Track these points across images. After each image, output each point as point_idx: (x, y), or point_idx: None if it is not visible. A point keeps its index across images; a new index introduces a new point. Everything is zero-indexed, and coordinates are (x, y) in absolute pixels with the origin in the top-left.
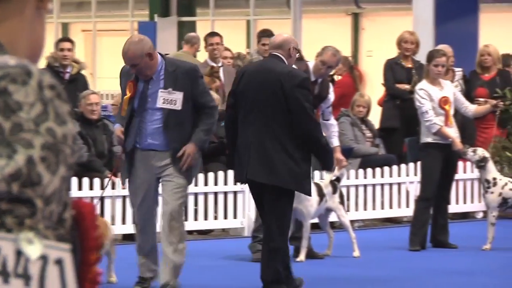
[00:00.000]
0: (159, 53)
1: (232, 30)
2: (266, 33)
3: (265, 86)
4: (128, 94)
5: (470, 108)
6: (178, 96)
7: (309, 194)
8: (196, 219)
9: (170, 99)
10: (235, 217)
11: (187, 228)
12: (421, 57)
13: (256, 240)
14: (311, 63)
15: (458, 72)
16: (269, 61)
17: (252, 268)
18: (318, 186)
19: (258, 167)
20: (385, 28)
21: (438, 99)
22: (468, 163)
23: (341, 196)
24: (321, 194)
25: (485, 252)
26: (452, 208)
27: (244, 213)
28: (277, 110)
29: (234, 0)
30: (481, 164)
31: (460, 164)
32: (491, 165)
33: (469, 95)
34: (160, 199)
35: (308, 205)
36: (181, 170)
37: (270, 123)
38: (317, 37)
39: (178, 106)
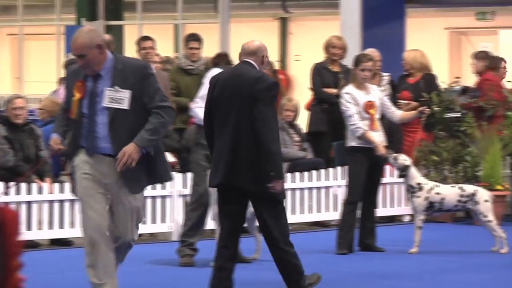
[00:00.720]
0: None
1: (160, 35)
2: (193, 37)
3: (238, 92)
4: (77, 95)
5: (397, 113)
6: (125, 95)
7: (284, 197)
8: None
9: (116, 97)
10: (163, 221)
11: None
12: (348, 61)
13: (184, 245)
14: None
15: (386, 77)
16: (242, 68)
17: (180, 273)
18: None
19: (227, 171)
20: (312, 32)
21: (364, 103)
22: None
23: None
24: None
25: (412, 256)
26: (379, 211)
27: (172, 218)
28: (248, 115)
29: (161, 4)
30: (403, 173)
31: (387, 167)
32: (413, 171)
33: (394, 99)
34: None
35: None
36: (128, 175)
37: (245, 128)
38: (245, 41)
39: (125, 105)
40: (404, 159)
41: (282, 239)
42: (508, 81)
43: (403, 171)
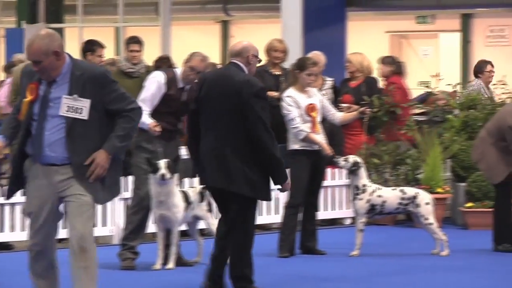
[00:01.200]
0: (68, 54)
1: (101, 37)
2: (134, 40)
3: (225, 95)
4: (29, 97)
5: (337, 115)
6: (85, 104)
7: (267, 199)
8: (64, 227)
9: (75, 106)
10: (104, 225)
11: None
12: (289, 64)
13: (125, 248)
14: (179, 70)
15: (329, 81)
16: (229, 69)
17: (121, 276)
18: (185, 194)
19: (217, 174)
20: (254, 35)
21: (305, 106)
22: (336, 170)
23: (209, 204)
24: (187, 201)
25: (353, 258)
26: (321, 214)
27: (113, 221)
28: (235, 118)
29: (102, 7)
30: (353, 168)
31: (329, 170)
32: (363, 171)
33: (336, 102)
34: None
35: (176, 211)
36: (87, 182)
37: (230, 130)
38: (187, 44)
39: (84, 115)
40: (354, 157)
41: (248, 244)
42: (448, 84)
43: (355, 166)
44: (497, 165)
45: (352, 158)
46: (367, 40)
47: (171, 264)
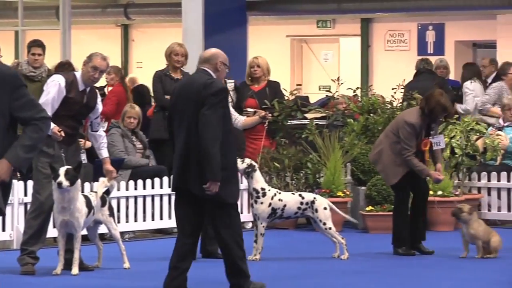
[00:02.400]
0: None
1: (0, 41)
2: (36, 43)
3: (189, 98)
4: None
5: (239, 119)
6: None
7: (233, 200)
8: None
9: None
10: (3, 229)
11: None
12: (189, 69)
13: (25, 253)
14: (78, 73)
15: (230, 83)
16: (196, 75)
17: (21, 281)
18: (87, 198)
19: (183, 175)
20: (154, 39)
21: None
22: (238, 174)
23: (111, 208)
24: (89, 206)
25: (254, 262)
26: None
27: (13, 226)
28: (196, 119)
29: (2, 10)
30: (248, 170)
31: None
32: (258, 175)
33: (240, 106)
34: None
35: (78, 217)
36: None
37: (192, 133)
38: (87, 48)
39: None
40: (250, 160)
41: (232, 243)
42: (348, 89)
43: (249, 168)
44: (392, 166)
45: (248, 160)
46: (268, 44)
47: (75, 269)
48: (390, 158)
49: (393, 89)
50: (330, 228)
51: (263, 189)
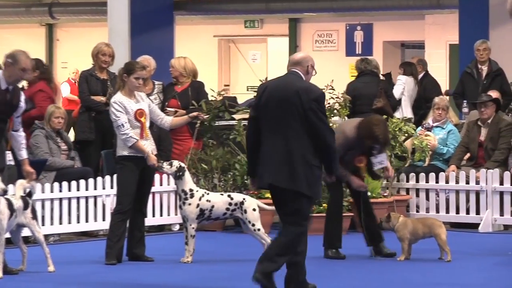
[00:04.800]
0: None
1: None
2: None
3: (285, 100)
4: None
5: (166, 120)
6: None
7: (318, 197)
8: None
9: None
10: None
11: None
12: (115, 68)
13: None
14: (0, 71)
15: (158, 85)
16: (288, 77)
17: None
18: (9, 201)
19: (281, 174)
20: (80, 39)
21: (134, 112)
22: (165, 176)
23: (34, 211)
24: (11, 209)
25: (183, 265)
26: (149, 221)
27: None
28: (296, 120)
29: None
30: (179, 173)
31: (157, 176)
32: (188, 176)
33: (163, 107)
34: None
35: (1, 219)
36: None
37: (291, 133)
38: (11, 48)
39: None
40: (178, 162)
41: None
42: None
43: (179, 172)
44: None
45: (176, 163)
46: (195, 45)
47: None
48: None
49: (321, 89)
50: (259, 230)
51: (191, 190)
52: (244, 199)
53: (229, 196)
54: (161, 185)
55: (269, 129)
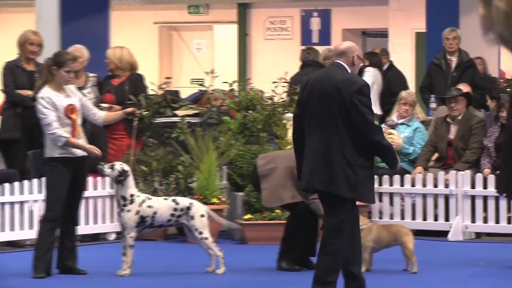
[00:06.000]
0: None
1: None
2: None
3: (326, 93)
4: None
5: (100, 115)
6: None
7: (370, 201)
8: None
9: None
10: None
11: None
12: (44, 59)
13: None
14: None
15: (92, 77)
16: (332, 69)
17: None
18: None
19: (317, 174)
20: (5, 27)
21: (64, 108)
22: (99, 179)
23: None
24: None
25: (121, 278)
26: (81, 229)
27: None
28: (337, 116)
29: None
30: (120, 178)
31: (90, 179)
32: (131, 180)
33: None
34: None
35: None
36: None
37: (332, 130)
38: None
39: None
40: (121, 164)
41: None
42: (224, 82)
43: (121, 176)
44: (281, 189)
45: (119, 166)
46: (133, 33)
47: None
48: (282, 181)
49: (274, 82)
50: (206, 238)
51: (132, 195)
52: (191, 204)
53: (174, 200)
54: (95, 189)
55: (311, 127)
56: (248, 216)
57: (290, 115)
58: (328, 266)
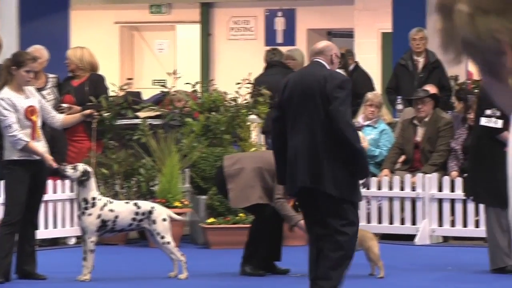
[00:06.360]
0: None
1: None
2: None
3: (309, 90)
4: None
5: (58, 118)
6: None
7: (356, 200)
8: None
9: None
10: None
11: None
12: (2, 59)
13: None
14: None
15: (52, 78)
16: (311, 67)
17: None
18: None
19: (307, 174)
20: None
21: (24, 109)
22: (59, 182)
23: None
24: None
25: (82, 284)
26: (41, 233)
27: None
28: (321, 112)
29: None
30: (83, 178)
31: (50, 182)
32: (93, 182)
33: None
34: None
35: None
36: None
37: (316, 129)
38: None
39: None
40: (83, 166)
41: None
42: (187, 83)
43: (84, 176)
44: (248, 189)
45: (81, 166)
46: (94, 32)
47: None
48: (250, 182)
49: (237, 83)
50: (168, 243)
51: (93, 198)
52: (152, 207)
53: (135, 204)
54: (54, 192)
55: (294, 127)
56: (211, 220)
57: (254, 116)
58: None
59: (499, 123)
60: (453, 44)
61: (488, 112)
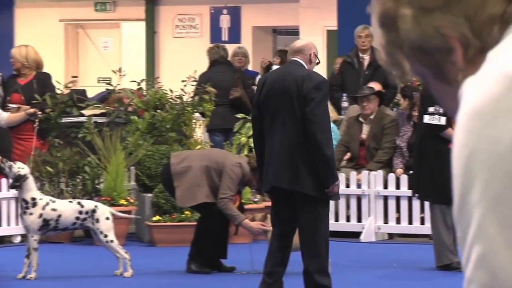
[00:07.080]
0: None
1: None
2: None
3: (286, 89)
4: None
5: (3, 117)
6: None
7: (334, 200)
8: None
9: None
10: None
11: None
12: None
13: None
14: None
15: None
16: (289, 66)
17: None
18: None
19: (284, 174)
20: None
21: None
22: (4, 180)
23: None
24: None
25: (27, 282)
26: None
27: None
28: (298, 112)
29: None
30: (16, 184)
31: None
32: (31, 183)
33: (4, 102)
34: None
35: None
36: None
37: (292, 129)
38: None
39: None
40: (20, 167)
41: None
42: (132, 81)
43: (18, 181)
44: (195, 188)
45: (16, 169)
46: (38, 30)
47: None
48: (197, 180)
49: (183, 81)
50: (112, 241)
51: (33, 198)
52: (96, 206)
53: (79, 203)
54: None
55: (271, 127)
56: (156, 218)
57: (198, 114)
58: (318, 268)
59: (442, 120)
60: (397, 53)
61: (431, 109)
